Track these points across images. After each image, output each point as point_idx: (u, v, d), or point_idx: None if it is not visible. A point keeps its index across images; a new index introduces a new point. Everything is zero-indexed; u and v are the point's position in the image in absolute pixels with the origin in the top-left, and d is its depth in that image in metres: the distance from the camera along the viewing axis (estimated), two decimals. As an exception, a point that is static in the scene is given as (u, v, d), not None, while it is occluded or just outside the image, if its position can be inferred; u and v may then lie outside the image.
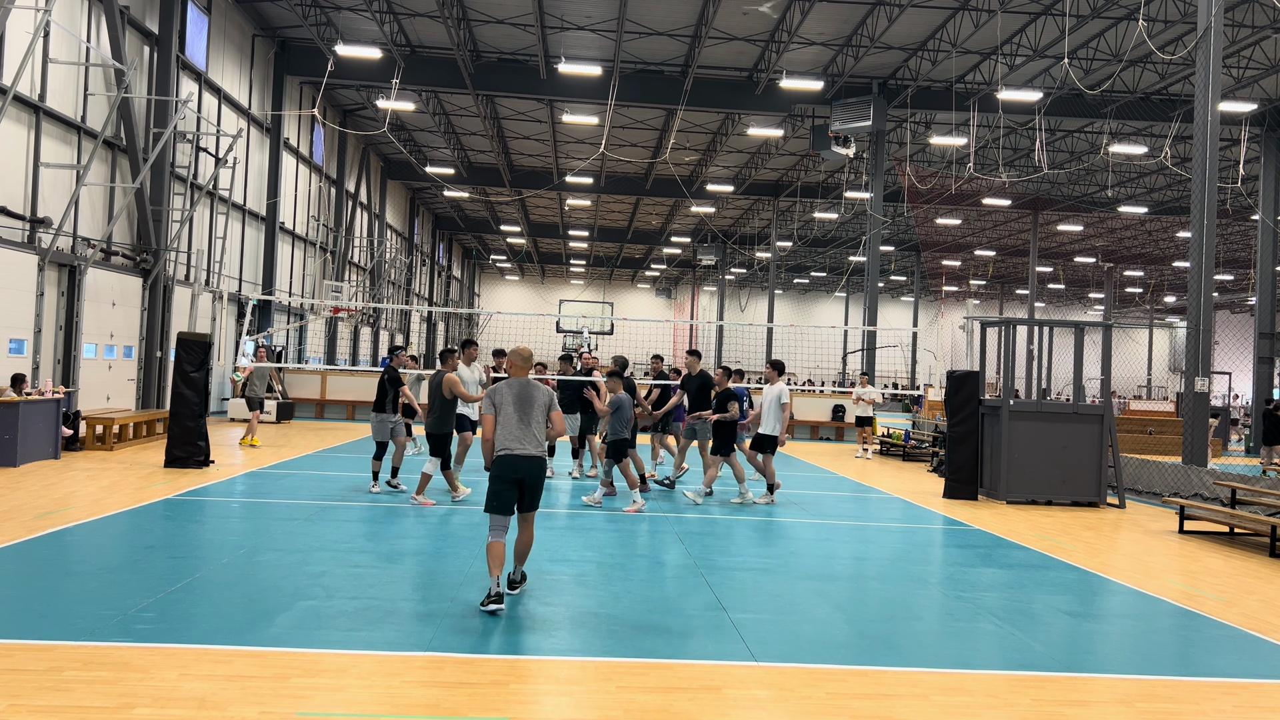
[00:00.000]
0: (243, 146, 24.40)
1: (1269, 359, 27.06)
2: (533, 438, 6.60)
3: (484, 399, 6.72)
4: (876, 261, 29.39)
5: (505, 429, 6.59)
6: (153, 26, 19.60)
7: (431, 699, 4.76)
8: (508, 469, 6.50)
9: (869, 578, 8.06)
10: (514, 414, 6.60)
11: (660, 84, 27.81)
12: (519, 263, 69.08)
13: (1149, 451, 22.07)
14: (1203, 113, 14.94)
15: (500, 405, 6.64)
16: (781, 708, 4.90)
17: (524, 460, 6.53)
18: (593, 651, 5.64)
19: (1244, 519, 10.58)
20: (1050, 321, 14.66)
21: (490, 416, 6.69)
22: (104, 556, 7.46)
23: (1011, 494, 13.54)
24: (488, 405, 6.68)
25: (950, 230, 49.00)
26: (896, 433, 21.84)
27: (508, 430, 6.58)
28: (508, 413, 6.61)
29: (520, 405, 6.63)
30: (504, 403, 6.63)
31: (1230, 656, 6.23)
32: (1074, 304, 75.38)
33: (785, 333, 54.33)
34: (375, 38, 26.15)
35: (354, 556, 7.88)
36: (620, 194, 42.36)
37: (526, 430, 6.59)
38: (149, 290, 19.80)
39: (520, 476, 6.52)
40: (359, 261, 37.92)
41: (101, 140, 16.90)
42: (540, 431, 6.67)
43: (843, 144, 27.15)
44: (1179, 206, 39.43)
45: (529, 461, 6.55)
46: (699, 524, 10.46)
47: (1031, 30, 23.65)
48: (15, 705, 4.44)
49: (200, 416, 13.13)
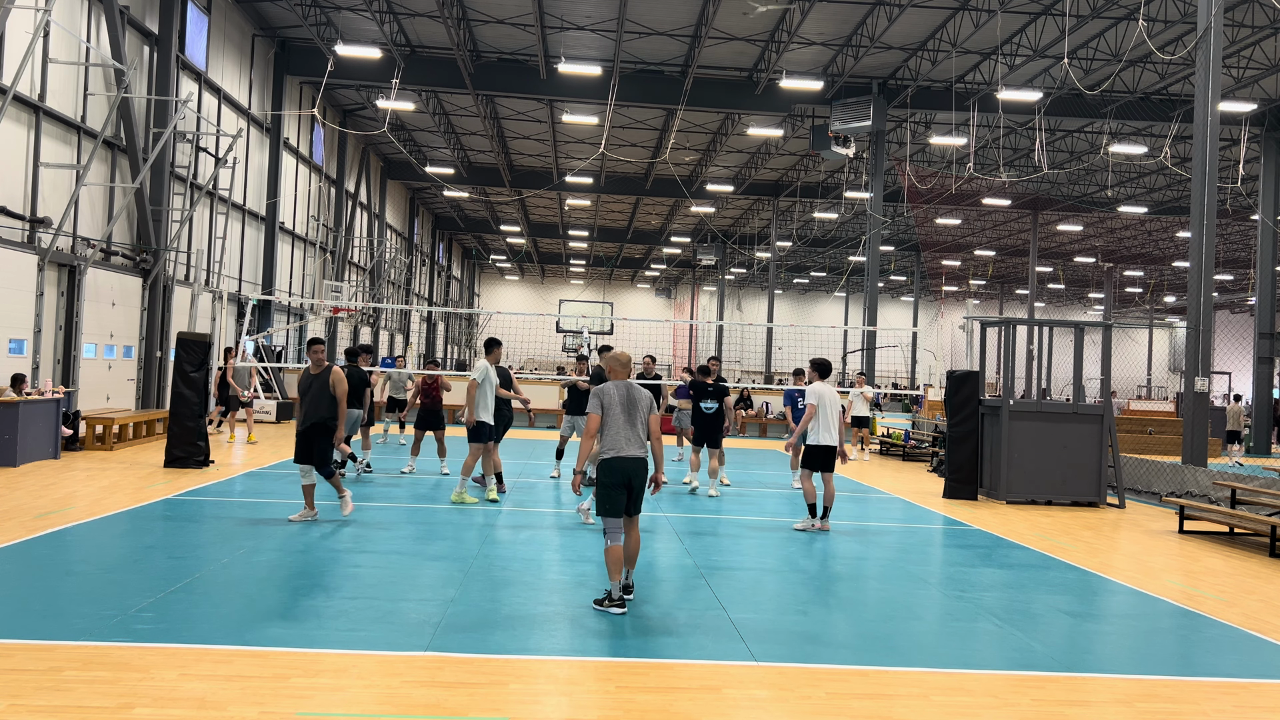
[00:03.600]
0: (243, 146, 24.39)
1: (1269, 359, 27.05)
2: (638, 439, 6.69)
3: (591, 399, 6.72)
4: (876, 261, 29.39)
5: (613, 431, 6.65)
6: (153, 26, 19.60)
7: (431, 699, 4.76)
8: (617, 472, 6.57)
9: (869, 578, 8.06)
10: (621, 415, 6.67)
11: (660, 84, 27.80)
12: (519, 263, 69.08)
13: (1149, 451, 22.08)
14: (1203, 113, 14.93)
15: (608, 407, 6.68)
16: (781, 708, 4.90)
17: (631, 462, 6.61)
18: (593, 651, 5.64)
19: (1244, 519, 10.58)
20: (1050, 321, 14.66)
21: (596, 417, 6.69)
22: (104, 556, 7.46)
23: (1011, 494, 13.54)
24: (594, 405, 6.70)
25: (950, 230, 49.00)
26: (896, 433, 21.83)
27: (616, 432, 6.64)
28: (615, 414, 6.67)
29: (627, 408, 6.71)
30: (611, 404, 6.68)
31: (1230, 656, 6.23)
32: (1074, 304, 75.40)
33: (785, 333, 54.31)
34: (375, 38, 26.15)
35: (354, 556, 7.88)
36: (620, 194, 42.35)
37: (633, 432, 6.68)
38: (149, 290, 19.80)
39: (629, 479, 6.60)
40: (359, 261, 37.92)
41: (101, 140, 16.90)
42: (644, 433, 6.76)
43: (843, 144, 27.14)
44: (1179, 206, 39.42)
45: (635, 463, 6.63)
46: (699, 524, 10.46)
47: (1031, 30, 23.65)
48: (15, 705, 4.44)
49: (200, 416, 13.13)
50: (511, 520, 10.10)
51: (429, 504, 10.95)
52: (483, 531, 9.32)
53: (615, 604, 6.46)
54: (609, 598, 6.51)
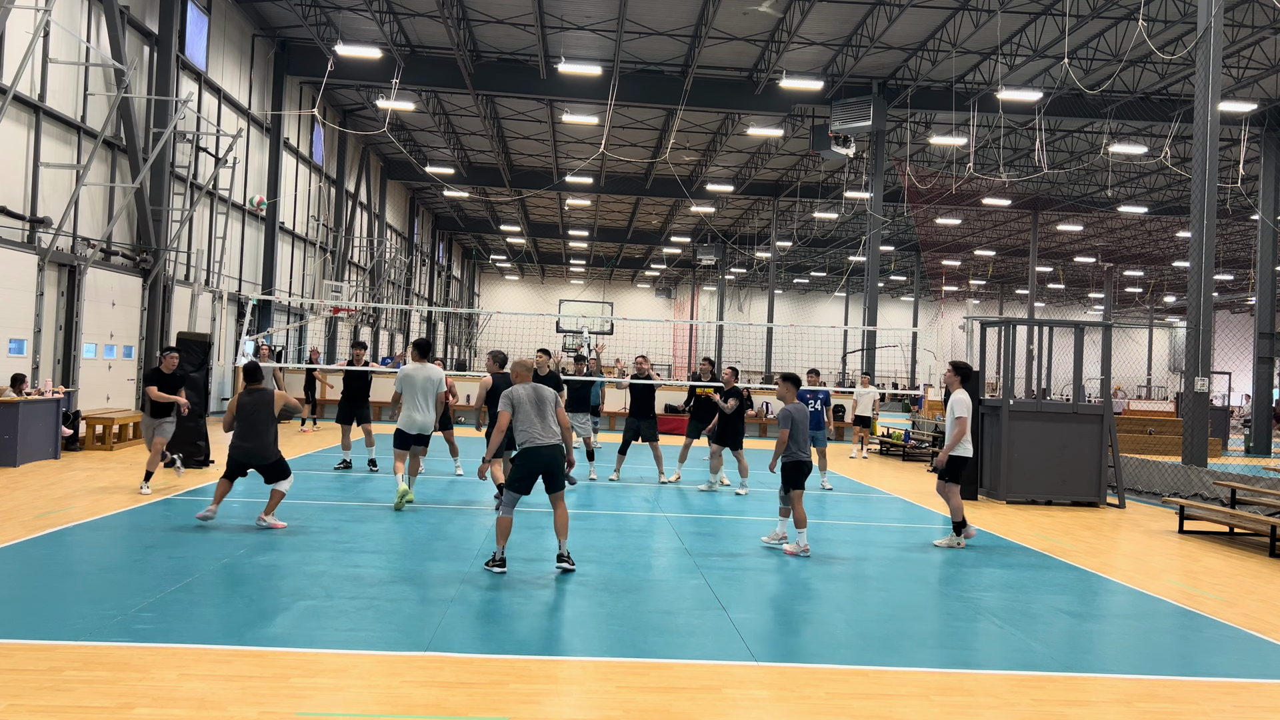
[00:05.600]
0: (243, 146, 24.39)
1: (1269, 359, 27.05)
2: (551, 430, 7.62)
3: (501, 399, 7.62)
4: (876, 261, 29.39)
5: (525, 424, 7.56)
6: (153, 26, 19.60)
7: (431, 699, 4.76)
8: (532, 459, 7.50)
9: (869, 578, 8.06)
10: (532, 411, 7.57)
11: (660, 84, 27.80)
12: (519, 263, 69.08)
13: (1149, 451, 22.08)
14: (1203, 113, 14.93)
15: (518, 405, 7.60)
16: (781, 708, 4.90)
17: (546, 449, 7.57)
18: (593, 651, 5.64)
19: (1244, 519, 10.58)
20: (1050, 321, 14.66)
21: (507, 413, 7.63)
22: (104, 556, 7.46)
23: (1011, 494, 13.54)
24: (504, 403, 7.60)
25: (950, 230, 49.00)
26: (896, 433, 21.84)
27: (529, 425, 7.56)
28: (526, 410, 7.58)
29: (536, 404, 7.63)
30: (521, 403, 7.61)
31: (1230, 656, 6.23)
32: (1074, 304, 75.39)
33: (785, 333, 54.30)
34: (375, 38, 26.14)
35: (354, 556, 7.88)
36: (620, 194, 42.35)
37: (544, 424, 7.59)
38: (149, 290, 19.80)
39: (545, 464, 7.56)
40: (359, 261, 37.91)
41: (101, 140, 16.89)
42: (554, 424, 7.66)
43: (843, 144, 27.13)
44: (1179, 206, 39.42)
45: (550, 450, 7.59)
46: (699, 523, 10.46)
47: (1031, 30, 23.65)
48: (15, 705, 4.44)
49: (200, 416, 13.13)
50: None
51: (429, 504, 10.95)
52: (484, 532, 9.32)
53: (497, 565, 7.54)
54: (494, 559, 7.60)
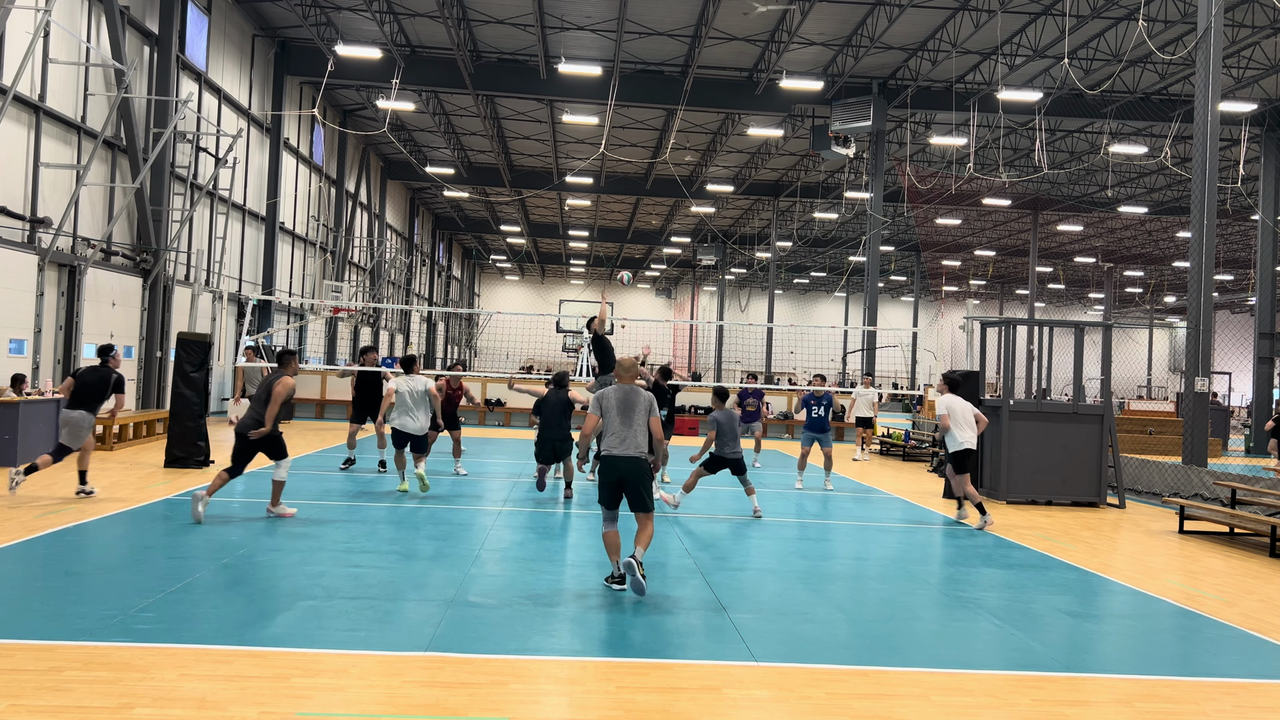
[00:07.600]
0: (243, 146, 24.39)
1: (1269, 359, 27.05)
2: (634, 441, 7.04)
3: (592, 401, 7.18)
4: (876, 261, 29.39)
5: (609, 432, 7.07)
6: (153, 26, 19.60)
7: (431, 699, 4.76)
8: (608, 469, 7.02)
9: (869, 578, 8.06)
10: (617, 416, 7.07)
11: (660, 84, 27.80)
12: (519, 263, 69.07)
13: (1149, 451, 22.07)
14: (1203, 113, 14.93)
15: (606, 408, 7.11)
16: (781, 708, 4.90)
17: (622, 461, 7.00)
18: (593, 651, 5.64)
19: (1244, 519, 10.58)
20: (1050, 321, 14.66)
21: (594, 417, 7.14)
22: (104, 556, 7.46)
23: (1011, 494, 13.54)
24: (594, 406, 7.16)
25: (950, 230, 48.99)
26: (896, 433, 21.83)
27: (612, 433, 7.05)
28: (611, 417, 7.09)
29: (623, 410, 7.09)
30: (610, 407, 7.10)
31: (1230, 656, 6.23)
32: (1074, 304, 75.37)
33: (785, 333, 54.33)
34: (375, 38, 26.14)
35: (354, 556, 7.88)
36: (620, 194, 42.35)
37: (629, 433, 7.04)
38: (149, 290, 19.80)
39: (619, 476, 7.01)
40: (359, 261, 37.92)
41: (101, 140, 16.90)
42: (642, 435, 7.09)
43: (843, 144, 27.13)
44: (1179, 206, 39.41)
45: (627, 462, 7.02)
46: (699, 524, 10.46)
47: (1031, 30, 23.64)
48: (15, 705, 4.44)
49: (200, 416, 13.13)
50: (513, 521, 10.11)
51: (430, 504, 10.95)
52: (485, 532, 9.33)
53: (615, 581, 7.12)
54: (610, 576, 7.21)
